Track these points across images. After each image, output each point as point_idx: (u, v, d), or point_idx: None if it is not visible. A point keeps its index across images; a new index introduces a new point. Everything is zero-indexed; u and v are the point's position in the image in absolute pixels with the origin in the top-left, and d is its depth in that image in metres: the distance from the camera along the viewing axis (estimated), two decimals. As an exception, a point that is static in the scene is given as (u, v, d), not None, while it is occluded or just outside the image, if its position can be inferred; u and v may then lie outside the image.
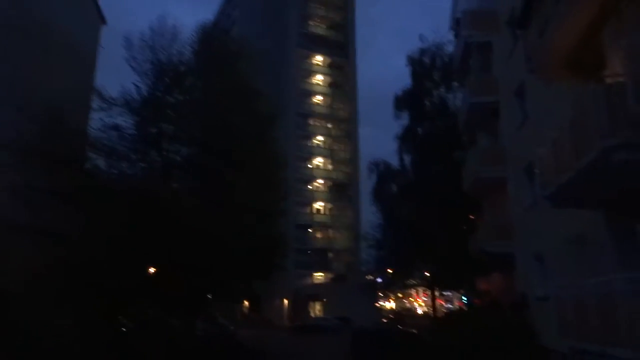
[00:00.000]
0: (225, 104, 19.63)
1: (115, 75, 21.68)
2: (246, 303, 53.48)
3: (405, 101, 29.41)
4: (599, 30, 7.79)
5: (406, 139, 29.35)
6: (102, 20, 26.23)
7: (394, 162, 31.18)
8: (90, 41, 24.83)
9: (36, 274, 15.19)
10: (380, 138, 42.42)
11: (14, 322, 13.47)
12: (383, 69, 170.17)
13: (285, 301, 53.82)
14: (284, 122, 36.54)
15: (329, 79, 64.76)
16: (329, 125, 63.72)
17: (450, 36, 26.33)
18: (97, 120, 18.90)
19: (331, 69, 64.99)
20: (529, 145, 14.20)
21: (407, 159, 29.80)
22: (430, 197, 25.61)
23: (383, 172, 31.04)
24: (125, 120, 18.78)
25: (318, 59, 64.48)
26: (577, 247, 11.09)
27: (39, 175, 16.43)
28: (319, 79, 64.26)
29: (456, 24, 22.29)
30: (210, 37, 24.93)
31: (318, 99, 63.61)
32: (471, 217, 24.05)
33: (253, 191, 18.18)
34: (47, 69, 20.49)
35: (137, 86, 18.98)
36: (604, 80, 7.15)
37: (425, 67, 29.06)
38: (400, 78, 54.03)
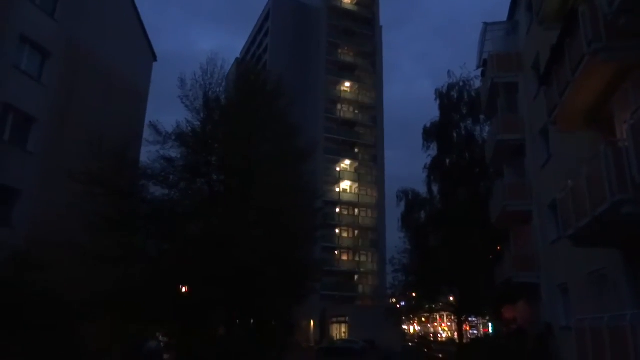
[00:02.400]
0: (264, 136, 21.32)
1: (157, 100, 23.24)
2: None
3: (433, 133, 30.69)
4: (609, 99, 8.99)
5: (434, 169, 30.51)
6: (154, 57, 28.66)
7: (419, 187, 32.39)
8: (143, 78, 27.21)
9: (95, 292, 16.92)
10: (403, 160, 43.46)
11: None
12: (406, 91, 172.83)
13: (312, 322, 54.56)
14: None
15: (356, 106, 66.79)
16: (356, 150, 65.41)
17: (477, 72, 27.58)
18: (152, 152, 20.71)
19: (358, 95, 67.03)
20: (553, 183, 15.16)
21: (435, 188, 30.92)
22: (458, 225, 26.57)
23: (411, 201, 32.12)
24: (176, 152, 20.63)
25: (346, 85, 66.75)
26: (598, 281, 12.04)
27: (103, 203, 18.26)
28: (345, 107, 66.39)
29: (483, 64, 23.47)
30: (249, 72, 27.05)
31: (346, 124, 65.43)
32: (498, 247, 24.82)
33: (291, 219, 19.59)
34: (109, 107, 22.84)
35: (189, 121, 20.85)
36: (614, 142, 8.30)
37: (453, 100, 30.33)
38: (423, 102, 56.03)
